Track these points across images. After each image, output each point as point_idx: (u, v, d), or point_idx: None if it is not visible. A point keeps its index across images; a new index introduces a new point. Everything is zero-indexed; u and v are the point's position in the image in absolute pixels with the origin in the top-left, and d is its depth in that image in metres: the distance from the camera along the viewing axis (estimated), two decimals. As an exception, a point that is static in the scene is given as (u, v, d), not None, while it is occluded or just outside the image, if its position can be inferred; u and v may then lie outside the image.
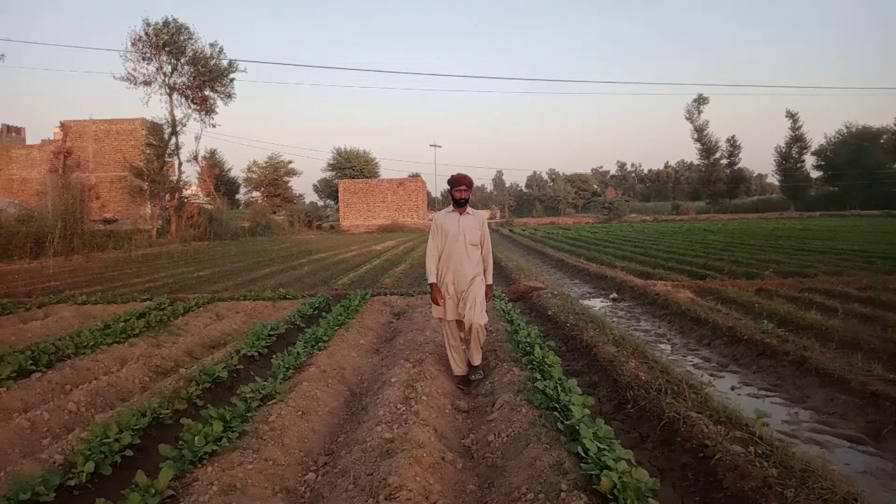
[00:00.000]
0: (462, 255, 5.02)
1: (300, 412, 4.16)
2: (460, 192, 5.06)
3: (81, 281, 13.98)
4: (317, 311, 8.48)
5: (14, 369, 5.11)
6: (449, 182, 5.17)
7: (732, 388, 5.07)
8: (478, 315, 4.91)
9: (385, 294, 10.05)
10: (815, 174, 72.96)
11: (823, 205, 65.45)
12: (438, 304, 5.07)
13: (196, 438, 3.27)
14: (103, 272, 16.38)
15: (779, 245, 19.67)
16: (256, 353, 5.93)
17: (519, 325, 6.38)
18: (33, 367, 5.33)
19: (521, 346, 5.50)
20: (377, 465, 3.13)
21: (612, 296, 10.48)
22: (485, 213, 5.08)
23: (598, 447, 3.01)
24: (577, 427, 3.25)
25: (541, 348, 5.07)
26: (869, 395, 4.32)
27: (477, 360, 5.14)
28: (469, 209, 5.17)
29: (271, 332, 6.62)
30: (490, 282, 5.22)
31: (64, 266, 18.68)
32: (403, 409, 4.06)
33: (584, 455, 2.98)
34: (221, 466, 3.16)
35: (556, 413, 3.66)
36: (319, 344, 5.96)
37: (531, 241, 27.84)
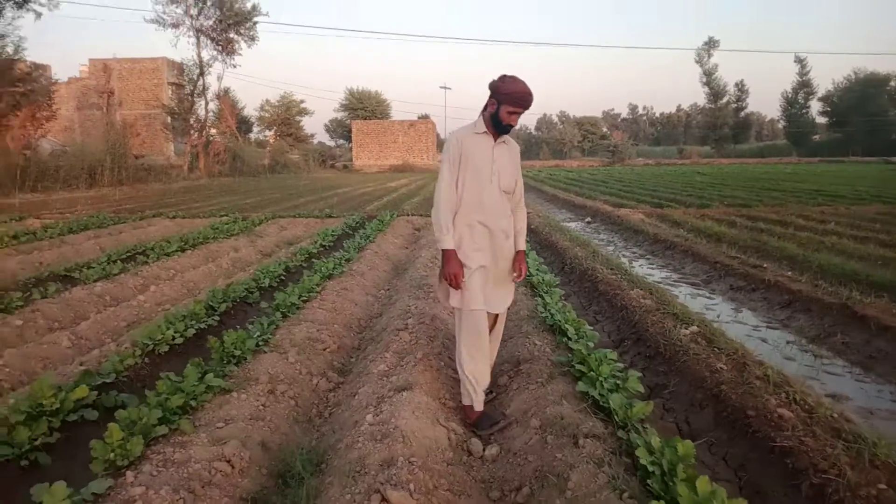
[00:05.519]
0: (497, 205, 3.15)
1: (369, 268, 6.95)
2: (514, 116, 3.04)
3: (149, 205, 16.72)
4: (358, 224, 11.22)
5: (177, 247, 7.92)
6: (499, 93, 3.01)
7: (640, 265, 7.82)
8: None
9: (407, 215, 12.77)
10: (820, 120, 73.46)
11: (826, 151, 65.77)
12: (457, 288, 3.07)
13: (322, 267, 6.06)
14: (162, 199, 19.14)
15: (751, 185, 22.12)
16: (327, 245, 8.68)
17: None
18: (185, 247, 8.12)
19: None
20: (418, 284, 5.90)
21: (587, 219, 13.17)
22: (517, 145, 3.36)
23: (538, 272, 5.75)
24: (530, 268, 5.99)
25: (518, 239, 7.79)
26: (713, 263, 7.07)
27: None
28: (506, 137, 3.22)
29: (332, 234, 9.36)
30: (523, 247, 3.32)
31: (124, 195, 21.45)
32: (432, 265, 6.82)
33: (530, 275, 5.74)
34: (337, 282, 5.94)
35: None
36: (369, 239, 8.71)
37: (532, 180, 30.31)
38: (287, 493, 2.38)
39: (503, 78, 3.03)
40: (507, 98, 2.99)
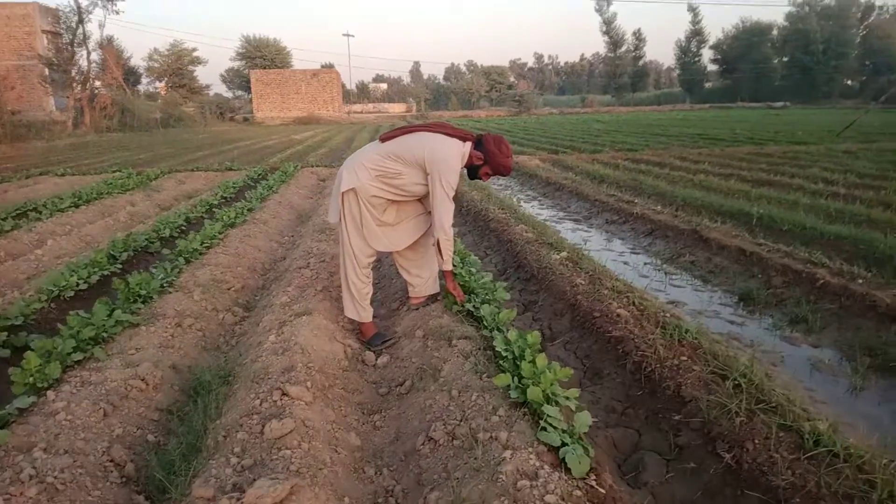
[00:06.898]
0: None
1: (273, 217, 7.14)
2: (489, 177, 3.46)
3: (33, 163, 15.64)
4: (260, 177, 11.19)
5: (70, 203, 7.71)
6: (492, 159, 3.31)
7: (532, 206, 8.45)
8: None
9: (312, 167, 12.80)
10: (711, 68, 77.30)
11: (717, 97, 69.19)
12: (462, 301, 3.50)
13: (224, 216, 6.19)
14: (47, 157, 17.93)
15: (643, 132, 23.48)
16: (228, 196, 8.70)
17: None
18: (79, 203, 7.91)
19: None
20: (320, 229, 6.18)
21: (488, 166, 13.74)
22: None
23: (432, 213, 6.17)
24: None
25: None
26: (594, 201, 7.80)
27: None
28: None
29: (233, 186, 9.34)
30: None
31: (2, 154, 19.82)
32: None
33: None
34: (240, 230, 6.11)
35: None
36: (272, 190, 8.80)
37: (440, 130, 30.63)
38: (199, 402, 2.71)
39: (500, 145, 3.30)
40: (496, 166, 3.33)
